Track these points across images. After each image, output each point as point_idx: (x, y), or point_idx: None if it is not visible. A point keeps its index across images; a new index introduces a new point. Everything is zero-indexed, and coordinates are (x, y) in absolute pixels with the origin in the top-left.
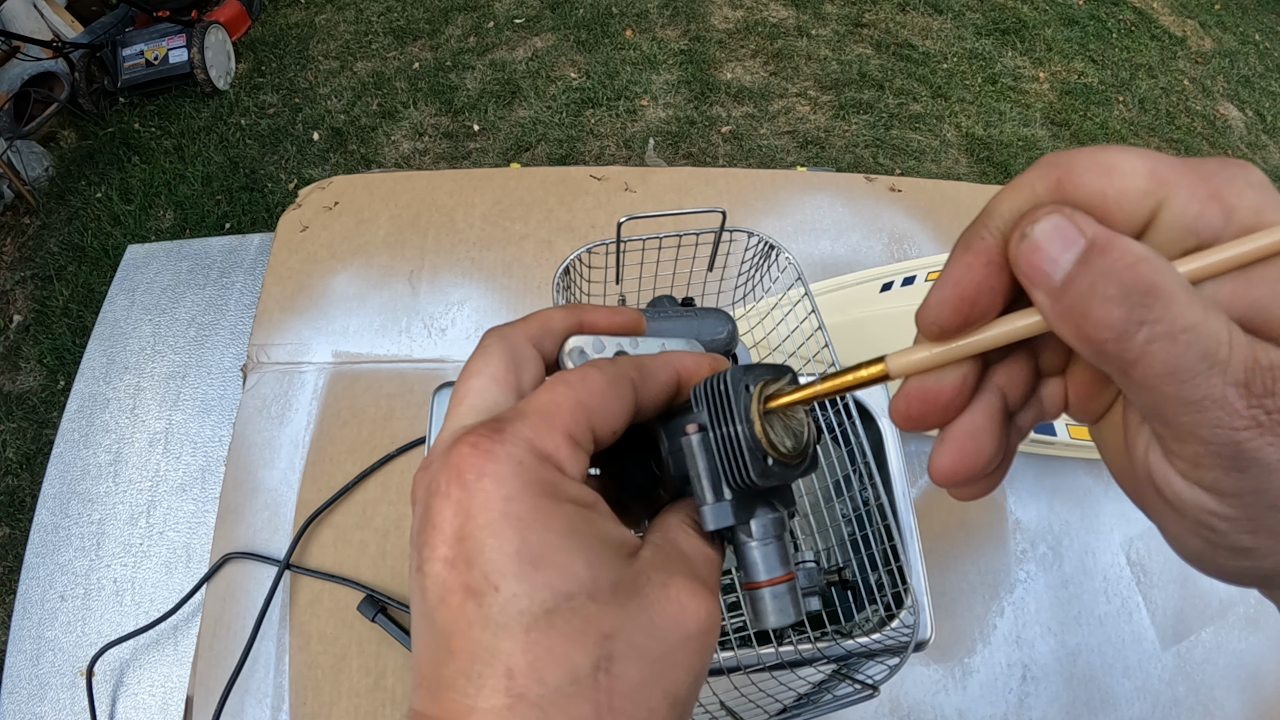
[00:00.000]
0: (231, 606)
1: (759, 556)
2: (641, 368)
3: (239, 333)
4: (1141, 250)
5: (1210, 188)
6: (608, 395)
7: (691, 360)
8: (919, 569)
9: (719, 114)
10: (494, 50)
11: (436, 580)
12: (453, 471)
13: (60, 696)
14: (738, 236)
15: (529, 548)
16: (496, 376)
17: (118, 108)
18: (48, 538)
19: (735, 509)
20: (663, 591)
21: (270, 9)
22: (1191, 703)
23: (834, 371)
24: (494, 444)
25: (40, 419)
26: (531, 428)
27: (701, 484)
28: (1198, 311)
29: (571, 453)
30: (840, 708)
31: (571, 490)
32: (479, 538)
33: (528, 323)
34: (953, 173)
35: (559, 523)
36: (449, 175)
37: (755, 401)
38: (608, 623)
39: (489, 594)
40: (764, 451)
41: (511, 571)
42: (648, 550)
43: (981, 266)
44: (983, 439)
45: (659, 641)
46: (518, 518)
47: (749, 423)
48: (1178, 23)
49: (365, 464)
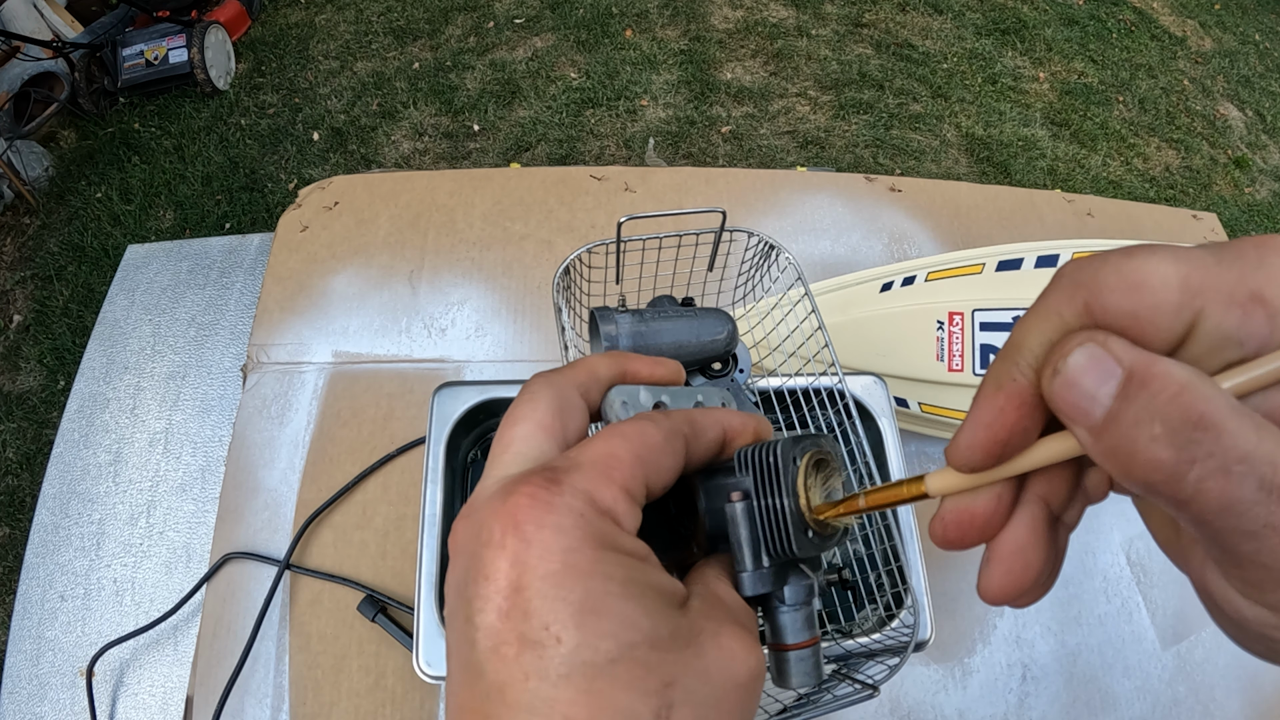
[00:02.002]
0: (231, 606)
1: (788, 621)
2: (694, 424)
3: (239, 333)
4: (1184, 376)
5: (1250, 289)
6: (663, 450)
7: (738, 420)
8: (919, 569)
9: (719, 114)
10: (494, 50)
11: (490, 631)
12: (508, 522)
13: (60, 696)
14: (738, 236)
15: (591, 598)
16: (543, 424)
17: (118, 108)
18: (48, 538)
19: (773, 576)
20: (715, 640)
21: (270, 9)
22: (1191, 703)
23: (876, 489)
24: (552, 495)
25: (40, 419)
26: (589, 480)
27: (743, 551)
28: (1250, 438)
29: (628, 507)
30: (840, 708)
31: (627, 543)
32: (538, 588)
33: (575, 370)
34: (953, 173)
35: (619, 573)
36: (449, 175)
37: (802, 475)
38: (668, 671)
39: (550, 645)
40: (806, 525)
41: (574, 622)
42: (696, 600)
43: (1014, 409)
44: (1030, 554)
45: (713, 689)
46: (580, 570)
47: (795, 497)
48: (1178, 23)
49: (365, 464)
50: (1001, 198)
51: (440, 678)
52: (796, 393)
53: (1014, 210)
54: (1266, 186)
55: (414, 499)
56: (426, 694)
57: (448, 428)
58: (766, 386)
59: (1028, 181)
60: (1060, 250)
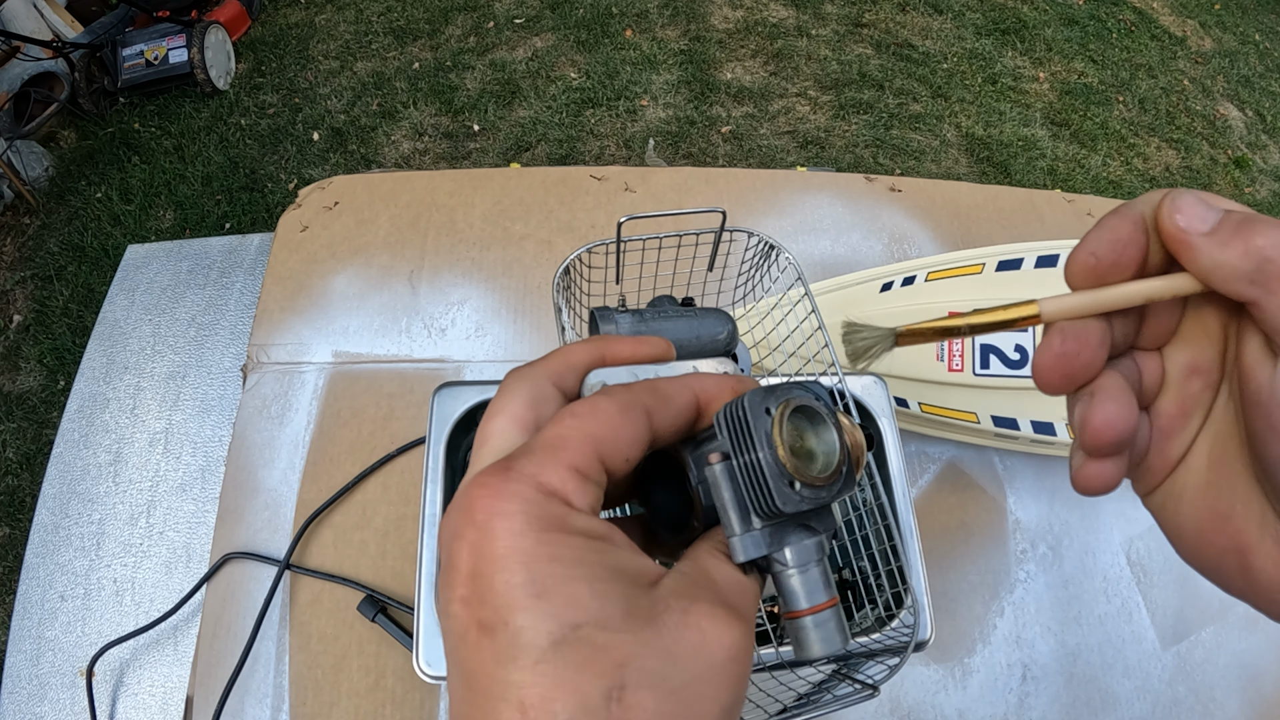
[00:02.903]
0: (231, 606)
1: (797, 584)
2: (656, 391)
3: (239, 333)
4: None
5: None
6: (618, 424)
7: (712, 382)
8: (919, 569)
9: (719, 114)
10: (494, 50)
11: (456, 620)
12: (466, 513)
13: (60, 696)
14: (738, 236)
15: (535, 580)
16: (516, 416)
17: (118, 108)
18: (48, 538)
19: (767, 538)
20: (682, 619)
21: (270, 9)
22: (1191, 703)
23: (982, 310)
24: (502, 483)
25: (40, 419)
26: (536, 464)
27: (729, 514)
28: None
29: (579, 486)
30: (840, 708)
31: (580, 523)
32: (488, 574)
33: (549, 360)
34: (953, 173)
35: (566, 554)
36: (449, 175)
37: (777, 425)
38: (619, 651)
39: (500, 629)
40: (789, 476)
41: (520, 605)
42: (671, 579)
43: (1129, 225)
44: (1128, 398)
45: (680, 670)
46: (524, 552)
47: (771, 448)
48: (1178, 23)
49: (365, 464)
50: (1001, 198)
51: (440, 678)
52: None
53: (1014, 210)
54: (1266, 186)
55: (414, 499)
56: (426, 694)
57: (448, 428)
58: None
59: (1028, 181)
60: (1060, 250)
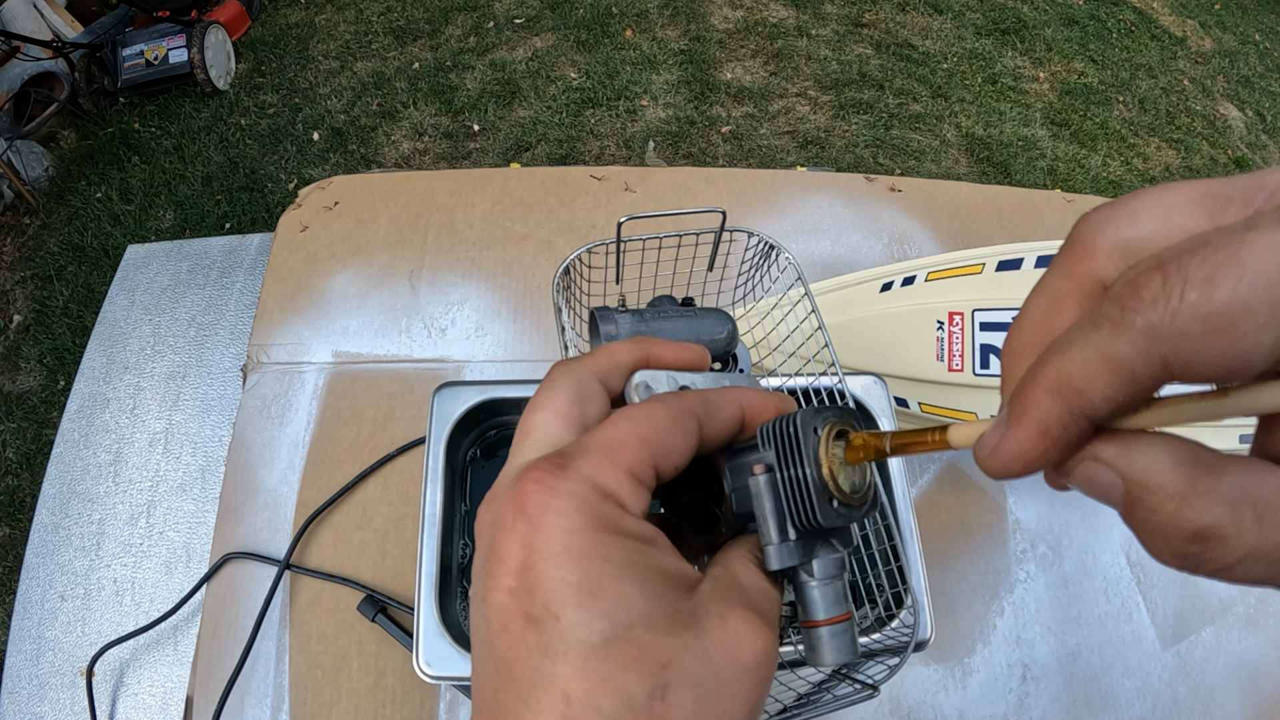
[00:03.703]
0: (231, 606)
1: (819, 596)
2: (707, 403)
3: (239, 333)
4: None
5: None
6: (671, 432)
7: (757, 398)
8: (919, 569)
9: (719, 114)
10: (494, 50)
11: (500, 609)
12: (517, 506)
13: (60, 696)
14: (738, 236)
15: (589, 580)
16: (561, 411)
17: (118, 108)
18: (48, 538)
19: (799, 549)
20: (720, 623)
21: (270, 9)
22: (1191, 703)
23: (903, 432)
24: (558, 480)
25: (40, 419)
26: (594, 464)
27: (768, 524)
28: None
29: (633, 489)
30: (840, 708)
31: (631, 526)
32: (541, 570)
33: (595, 357)
34: (953, 173)
35: (618, 555)
36: (449, 175)
37: (824, 444)
38: (664, 652)
39: (549, 622)
40: (830, 494)
41: (571, 601)
42: (707, 583)
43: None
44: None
45: (714, 672)
46: (579, 551)
47: (817, 465)
48: (1178, 23)
49: (365, 464)
50: (1001, 198)
51: (440, 678)
52: (797, 393)
53: (1014, 210)
54: None
55: (414, 499)
56: (426, 694)
57: (448, 428)
58: (766, 387)
59: (1028, 181)
60: None
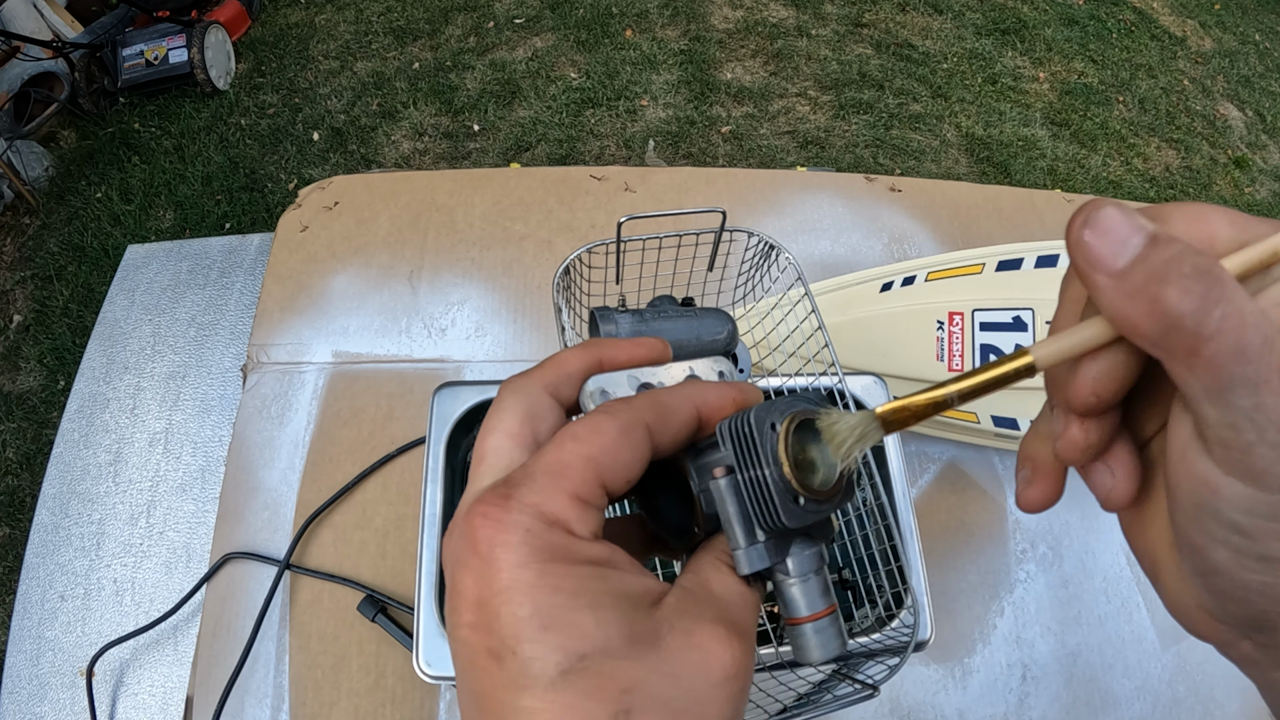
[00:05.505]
0: (231, 606)
1: (799, 593)
2: (657, 406)
3: (239, 333)
4: (1192, 245)
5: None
6: (619, 446)
7: (714, 393)
8: (919, 569)
9: (719, 114)
10: (494, 50)
11: (465, 645)
12: (469, 542)
13: (60, 696)
14: (738, 236)
15: (540, 612)
16: (511, 432)
17: (118, 108)
18: (48, 538)
19: (770, 550)
20: (685, 639)
21: (270, 9)
22: (1191, 703)
23: (968, 373)
24: (503, 513)
25: (40, 419)
26: (538, 491)
27: (734, 528)
28: (1249, 301)
29: (580, 512)
30: (840, 708)
31: (582, 551)
32: (494, 605)
33: (543, 369)
34: (953, 173)
35: (569, 585)
36: (449, 175)
37: (782, 441)
38: (625, 677)
39: (509, 658)
40: (794, 492)
41: (526, 636)
42: (674, 596)
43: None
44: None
45: (684, 691)
46: (528, 584)
47: (777, 464)
48: (1178, 23)
49: (365, 464)
50: (1001, 198)
51: (440, 678)
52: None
53: (1014, 210)
54: (1266, 186)
55: (414, 499)
56: (426, 694)
57: (448, 428)
58: (767, 387)
59: (1028, 181)
60: (1060, 250)
